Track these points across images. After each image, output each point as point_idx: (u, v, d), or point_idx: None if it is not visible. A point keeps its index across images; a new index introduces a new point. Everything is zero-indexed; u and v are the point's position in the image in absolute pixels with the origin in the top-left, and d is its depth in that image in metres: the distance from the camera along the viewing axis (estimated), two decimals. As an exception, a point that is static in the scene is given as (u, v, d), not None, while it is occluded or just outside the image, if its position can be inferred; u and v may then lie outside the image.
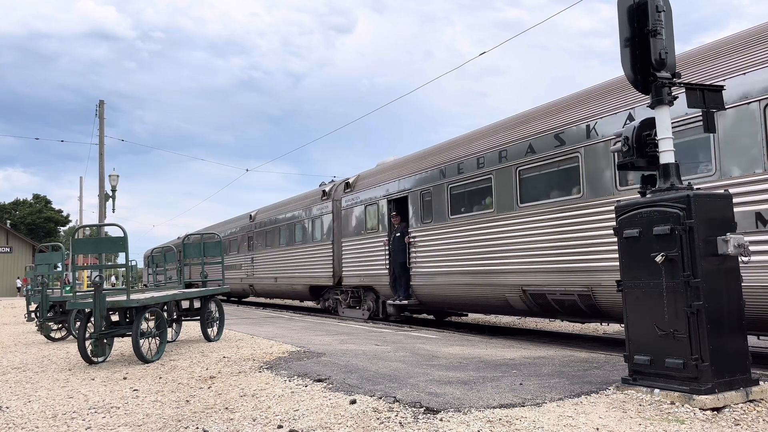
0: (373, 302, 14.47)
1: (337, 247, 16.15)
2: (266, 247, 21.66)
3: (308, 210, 18.26)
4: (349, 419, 4.32)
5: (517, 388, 5.18)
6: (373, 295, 14.45)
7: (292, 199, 20.89)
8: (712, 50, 7.41)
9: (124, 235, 7.66)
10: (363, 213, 14.74)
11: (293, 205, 19.94)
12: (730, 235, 4.54)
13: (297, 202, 19.77)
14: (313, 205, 18.00)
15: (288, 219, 19.85)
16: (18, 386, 6.39)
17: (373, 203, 14.30)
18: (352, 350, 8.11)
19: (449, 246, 11.48)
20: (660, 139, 4.97)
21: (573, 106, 9.27)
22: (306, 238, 18.24)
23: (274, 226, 21.00)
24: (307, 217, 18.23)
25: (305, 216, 18.42)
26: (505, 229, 10.15)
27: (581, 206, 8.72)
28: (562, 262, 8.98)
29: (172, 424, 4.52)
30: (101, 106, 25.60)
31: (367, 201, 14.60)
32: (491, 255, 10.45)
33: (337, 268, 16.01)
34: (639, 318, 4.90)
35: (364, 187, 15.00)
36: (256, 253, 22.57)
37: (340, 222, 16.09)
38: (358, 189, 15.28)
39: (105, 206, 24.75)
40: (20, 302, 26.78)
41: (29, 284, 14.13)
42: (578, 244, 8.71)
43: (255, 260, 22.62)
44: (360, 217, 14.89)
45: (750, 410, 4.27)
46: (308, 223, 18.16)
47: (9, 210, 68.18)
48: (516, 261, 9.89)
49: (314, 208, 17.85)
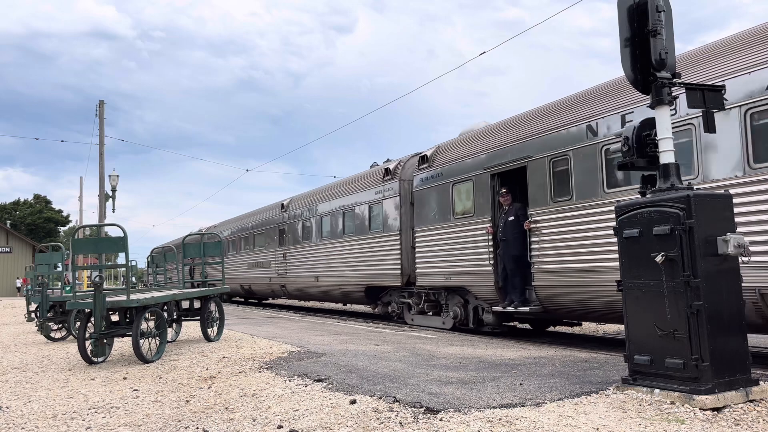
0: (460, 308, 11.43)
1: (406, 238, 13.06)
2: (304, 241, 18.40)
3: (363, 194, 15.02)
4: (349, 419, 4.32)
5: (517, 388, 5.18)
6: (459, 300, 11.49)
7: (339, 182, 17.66)
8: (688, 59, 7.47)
9: (124, 235, 7.66)
10: (449, 193, 11.50)
11: (341, 190, 16.69)
12: (730, 235, 4.54)
13: (347, 186, 16.52)
14: (370, 188, 14.77)
15: (334, 207, 16.56)
16: (18, 386, 6.39)
17: (466, 179, 11.02)
18: (352, 350, 8.11)
19: (603, 232, 8.00)
20: (660, 139, 4.97)
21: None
22: (360, 228, 15.03)
23: (315, 215, 17.75)
24: (362, 202, 14.97)
25: (359, 202, 15.17)
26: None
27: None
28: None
29: (172, 424, 4.52)
30: (101, 106, 25.59)
31: (455, 177, 11.35)
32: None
33: (406, 264, 12.98)
34: (639, 318, 4.90)
35: (449, 161, 11.72)
36: (290, 248, 19.38)
37: (411, 207, 13.04)
38: (438, 163, 12.06)
39: (105, 206, 24.75)
40: (20, 302, 26.78)
41: (29, 284, 14.13)
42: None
43: (288, 256, 19.45)
44: (444, 198, 11.67)
45: (750, 410, 4.27)
46: (363, 210, 14.90)
47: (9, 210, 68.16)
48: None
49: (372, 191, 14.60)
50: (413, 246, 12.74)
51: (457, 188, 11.35)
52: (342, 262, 15.87)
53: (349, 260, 15.52)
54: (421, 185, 12.52)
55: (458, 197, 11.33)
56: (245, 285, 23.49)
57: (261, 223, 22.28)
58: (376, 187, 14.45)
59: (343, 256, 15.87)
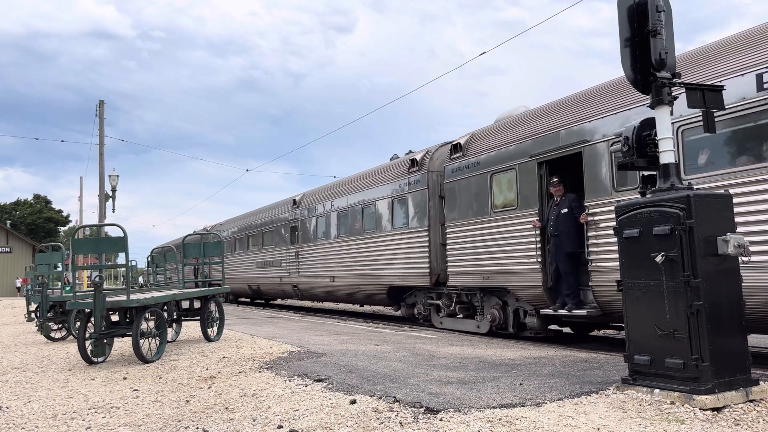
0: (498, 310, 10.34)
1: (435, 234, 12.07)
2: (318, 239, 17.32)
3: (385, 188, 13.93)
4: (349, 419, 4.32)
5: (517, 388, 5.18)
6: (497, 301, 10.46)
7: (358, 176, 16.38)
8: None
9: (124, 235, 7.67)
10: (487, 184, 10.43)
11: (360, 183, 15.54)
12: (730, 235, 4.54)
13: (367, 179, 15.32)
14: (393, 181, 13.67)
15: (353, 202, 15.45)
16: (18, 386, 6.39)
17: (508, 168, 9.96)
18: (352, 350, 8.11)
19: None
20: (660, 139, 4.97)
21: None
22: (382, 224, 13.92)
23: (331, 211, 16.64)
24: (384, 196, 13.87)
25: (381, 196, 14.06)
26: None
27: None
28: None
29: (172, 424, 4.52)
30: (101, 106, 25.59)
31: (494, 166, 10.29)
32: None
33: (435, 263, 11.96)
34: (639, 318, 4.90)
35: (486, 148, 10.65)
36: (303, 246, 18.29)
37: (441, 200, 12.04)
38: (474, 152, 10.97)
39: (105, 206, 24.75)
40: (20, 302, 26.78)
41: (29, 284, 14.13)
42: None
43: (301, 255, 18.37)
44: (481, 190, 10.59)
45: (750, 410, 4.27)
46: (386, 205, 13.77)
47: (9, 210, 68.15)
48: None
49: (396, 184, 13.50)
50: (443, 243, 11.77)
51: (496, 178, 10.26)
52: (361, 261, 14.79)
53: (369, 259, 14.42)
54: (454, 176, 11.39)
55: (498, 188, 10.23)
56: (253, 285, 22.75)
57: (271, 220, 21.23)
58: (400, 180, 13.38)
59: (362, 254, 14.79)
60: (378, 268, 14.03)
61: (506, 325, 10.28)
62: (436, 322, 12.28)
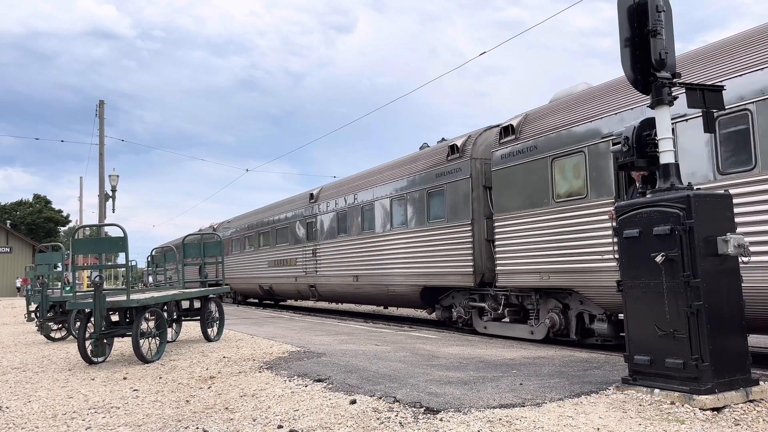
0: (558, 314, 9.25)
1: (479, 228, 10.86)
2: (339, 235, 16.08)
3: (419, 177, 12.68)
4: (349, 419, 4.32)
5: (517, 388, 5.18)
6: (556, 304, 9.38)
7: (386, 166, 15.00)
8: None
9: (124, 235, 7.67)
10: (546, 171, 9.27)
11: (389, 174, 14.20)
12: (730, 235, 4.54)
13: (396, 170, 14.01)
14: (428, 170, 12.41)
15: (380, 194, 14.17)
16: (18, 386, 6.39)
17: (575, 152, 8.76)
18: (352, 350, 8.11)
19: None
20: (660, 139, 4.97)
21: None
22: (416, 217, 12.66)
23: (354, 205, 15.34)
24: (418, 188, 12.61)
25: (413, 187, 12.78)
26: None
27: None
28: None
29: (172, 424, 4.52)
30: (101, 106, 25.59)
31: (556, 150, 9.08)
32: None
33: (480, 260, 10.76)
34: (639, 318, 4.90)
35: (546, 130, 9.44)
36: (321, 243, 17.00)
37: (486, 190, 10.89)
38: (529, 135, 9.73)
39: (105, 206, 24.75)
40: (20, 302, 26.78)
41: (29, 284, 14.13)
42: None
43: (319, 253, 17.09)
44: (538, 177, 9.43)
45: (750, 410, 4.27)
46: (420, 197, 12.52)
47: (9, 210, 68.16)
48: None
49: (431, 173, 12.26)
50: (489, 238, 10.65)
51: (559, 164, 9.05)
52: (390, 259, 13.47)
53: (400, 256, 13.11)
54: (504, 163, 10.18)
55: (561, 175, 9.03)
56: (265, 285, 21.54)
57: (285, 216, 19.97)
58: (437, 169, 12.06)
59: (391, 251, 13.45)
60: (410, 267, 12.73)
61: (567, 331, 9.18)
62: (478, 326, 11.11)
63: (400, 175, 13.59)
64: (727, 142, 6.83)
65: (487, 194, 10.89)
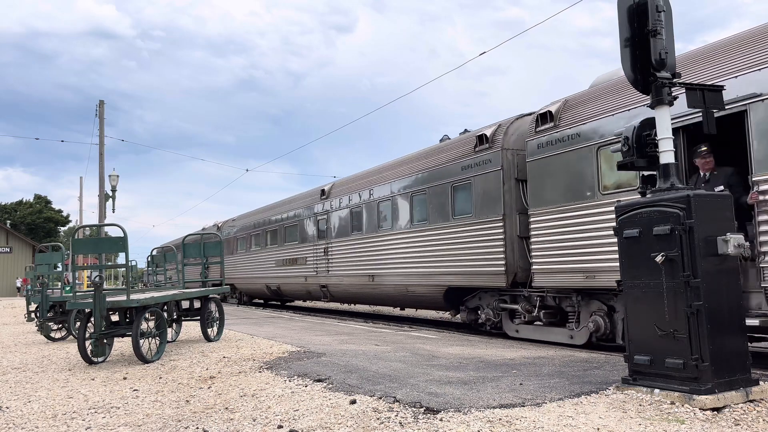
0: (603, 317, 8.51)
1: (511, 224, 10.09)
2: (353, 233, 15.29)
3: (442, 171, 11.90)
4: (349, 419, 4.32)
5: (517, 388, 5.18)
6: (600, 306, 8.67)
7: (405, 159, 14.17)
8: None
9: (124, 235, 7.67)
10: (591, 160, 8.47)
11: (408, 168, 13.42)
12: (730, 235, 4.54)
13: (416, 162, 13.23)
14: (453, 162, 11.61)
15: (398, 189, 13.37)
16: (18, 386, 6.39)
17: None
18: (352, 350, 8.11)
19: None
20: (660, 139, 4.97)
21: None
22: (438, 214, 11.86)
23: (369, 201, 14.53)
24: (441, 181, 11.82)
25: (436, 180, 11.99)
26: None
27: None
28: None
29: (172, 424, 4.52)
30: (101, 106, 25.60)
31: (603, 138, 8.26)
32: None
33: (512, 259, 10.01)
34: (639, 318, 4.90)
35: (590, 116, 8.64)
36: (334, 241, 16.24)
37: (519, 183, 10.12)
38: (570, 122, 8.93)
39: (105, 206, 24.75)
40: (20, 302, 26.79)
41: (29, 284, 14.13)
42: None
43: (331, 251, 16.36)
44: (581, 167, 8.63)
45: (750, 410, 4.27)
46: (443, 191, 11.72)
47: (9, 210, 68.18)
48: None
49: (456, 166, 11.45)
50: (522, 235, 9.94)
51: (606, 153, 8.16)
52: (410, 258, 12.71)
53: (421, 255, 12.33)
54: (541, 153, 9.36)
55: (609, 164, 8.11)
56: (272, 285, 20.73)
57: (294, 213, 19.08)
58: (463, 161, 11.27)
59: (411, 249, 12.69)
60: (432, 266, 11.91)
61: (614, 336, 8.44)
62: (509, 330, 10.36)
63: (420, 169, 12.79)
64: None
65: (520, 187, 10.16)
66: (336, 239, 16.16)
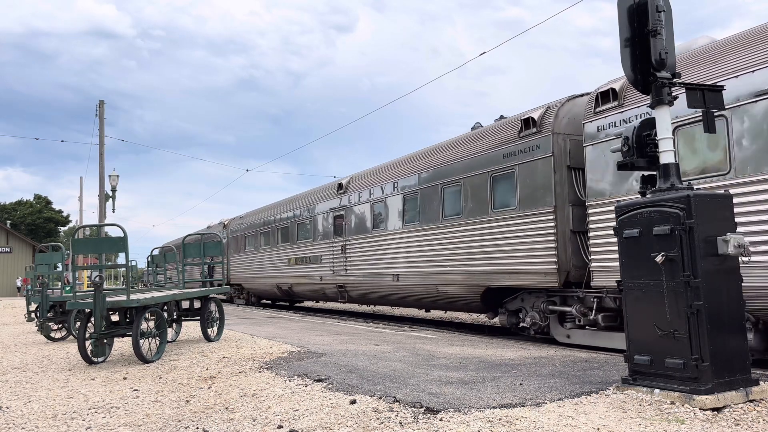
0: None
1: (563, 217, 9.14)
2: (375, 229, 14.25)
3: (480, 159, 10.89)
4: (349, 419, 4.32)
5: (517, 388, 5.18)
6: None
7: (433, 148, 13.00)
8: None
9: (124, 235, 7.67)
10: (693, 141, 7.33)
11: (439, 157, 12.31)
12: (730, 235, 4.54)
13: (447, 151, 12.15)
14: (494, 149, 10.56)
15: (427, 180, 12.37)
16: (18, 386, 6.39)
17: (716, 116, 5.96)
18: (352, 350, 8.11)
19: None
20: (660, 139, 4.97)
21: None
22: (475, 206, 10.86)
23: (394, 194, 13.46)
24: (479, 170, 10.82)
25: (473, 169, 11.00)
26: None
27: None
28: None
29: (172, 424, 4.52)
30: (101, 106, 25.60)
31: (683, 116, 7.24)
32: None
33: (564, 256, 9.08)
34: (639, 318, 4.90)
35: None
36: (353, 238, 15.21)
37: (571, 172, 9.19)
38: (636, 100, 7.89)
39: (105, 206, 24.75)
40: (20, 302, 26.79)
41: (29, 284, 14.13)
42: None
43: (349, 249, 15.38)
44: None
45: (750, 410, 4.27)
46: (481, 181, 10.75)
47: (9, 210, 68.18)
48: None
49: (498, 153, 10.43)
50: (577, 230, 9.05)
51: (686, 133, 7.30)
52: (441, 255, 11.73)
53: (454, 252, 11.33)
54: (602, 137, 8.37)
55: (689, 147, 7.27)
56: (284, 285, 19.71)
57: (307, 209, 18.14)
58: (505, 148, 10.26)
59: (443, 246, 11.70)
60: (468, 265, 10.90)
61: None
62: (558, 335, 9.46)
63: (452, 158, 11.76)
64: None
65: (573, 176, 9.19)
66: (355, 236, 15.16)
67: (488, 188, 10.62)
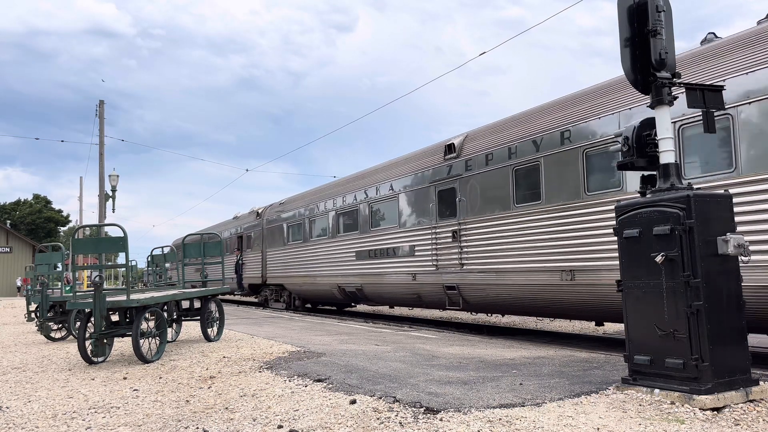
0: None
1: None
2: (517, 204, 9.96)
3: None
4: (349, 419, 4.32)
5: (517, 388, 5.18)
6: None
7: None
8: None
9: (124, 235, 7.67)
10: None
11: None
12: (730, 235, 4.54)
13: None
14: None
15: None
16: (18, 386, 6.39)
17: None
18: (352, 350, 8.11)
19: None
20: (660, 139, 4.97)
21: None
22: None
23: (551, 154, 9.18)
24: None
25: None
26: None
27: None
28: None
29: (172, 424, 4.52)
30: (101, 106, 25.61)
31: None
32: None
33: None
34: (639, 318, 4.90)
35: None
36: (471, 220, 11.00)
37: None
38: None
39: (105, 206, 24.76)
40: (20, 302, 26.78)
41: (29, 284, 14.13)
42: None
43: (466, 235, 11.17)
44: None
45: (750, 410, 4.27)
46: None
47: (9, 210, 68.18)
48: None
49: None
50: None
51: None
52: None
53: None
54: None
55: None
56: (349, 286, 15.73)
57: (391, 185, 13.93)
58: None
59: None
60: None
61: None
62: None
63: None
64: None
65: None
66: (475, 217, 10.94)
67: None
